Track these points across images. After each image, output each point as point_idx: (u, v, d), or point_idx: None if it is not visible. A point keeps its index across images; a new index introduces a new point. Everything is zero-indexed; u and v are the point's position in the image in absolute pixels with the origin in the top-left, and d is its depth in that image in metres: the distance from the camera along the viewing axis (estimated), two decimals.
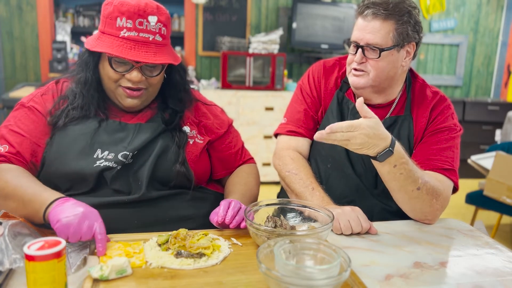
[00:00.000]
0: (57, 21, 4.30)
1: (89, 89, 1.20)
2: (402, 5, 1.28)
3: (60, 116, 1.18)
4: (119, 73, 1.16)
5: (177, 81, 1.29)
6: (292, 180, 1.38)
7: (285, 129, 1.49)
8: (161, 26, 1.16)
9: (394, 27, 1.27)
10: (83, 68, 1.21)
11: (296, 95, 1.53)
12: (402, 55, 1.32)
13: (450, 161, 1.32)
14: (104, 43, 1.14)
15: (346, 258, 0.85)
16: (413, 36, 1.31)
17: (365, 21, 1.29)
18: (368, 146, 1.11)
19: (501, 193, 2.72)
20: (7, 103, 3.40)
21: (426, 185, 1.22)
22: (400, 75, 1.37)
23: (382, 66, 1.30)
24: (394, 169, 1.18)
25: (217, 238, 1.08)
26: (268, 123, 4.07)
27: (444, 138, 1.35)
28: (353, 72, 1.34)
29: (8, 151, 1.14)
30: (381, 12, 1.26)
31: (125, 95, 1.19)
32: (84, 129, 1.17)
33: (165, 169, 1.19)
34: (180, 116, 1.28)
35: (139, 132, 1.20)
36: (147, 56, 1.13)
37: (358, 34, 1.31)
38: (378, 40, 1.28)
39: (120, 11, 1.13)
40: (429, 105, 1.39)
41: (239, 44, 4.06)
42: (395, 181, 1.21)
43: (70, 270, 0.91)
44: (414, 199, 1.24)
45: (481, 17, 4.88)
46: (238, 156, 1.40)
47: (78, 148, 1.14)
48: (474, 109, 4.60)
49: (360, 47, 1.30)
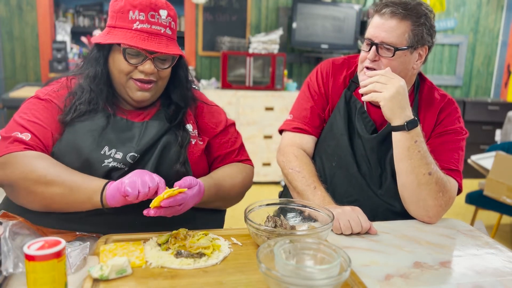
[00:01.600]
0: (57, 21, 4.30)
1: (99, 83, 1.20)
2: (420, 7, 1.29)
3: (69, 112, 1.18)
4: (132, 65, 1.17)
5: (182, 77, 1.30)
6: (294, 178, 1.38)
7: (290, 126, 1.49)
8: (171, 20, 1.19)
9: (410, 28, 1.28)
10: (92, 64, 1.21)
11: (303, 92, 1.53)
12: (414, 58, 1.33)
13: (455, 163, 1.33)
14: (116, 36, 1.15)
15: (346, 258, 0.85)
16: (427, 39, 1.31)
17: (382, 19, 1.29)
18: (398, 103, 1.22)
19: (501, 193, 2.72)
20: (7, 103, 3.40)
21: (437, 173, 1.25)
22: (410, 77, 1.38)
23: (395, 65, 1.30)
24: (414, 144, 1.23)
25: (217, 238, 1.08)
26: (268, 123, 4.07)
27: (450, 140, 1.36)
28: (365, 71, 1.34)
29: (31, 139, 1.12)
30: (399, 11, 1.26)
31: (136, 88, 1.19)
32: (92, 125, 1.17)
33: (165, 169, 1.19)
34: (183, 112, 1.28)
35: (145, 132, 1.20)
36: (161, 47, 1.15)
37: (373, 32, 1.31)
38: (393, 39, 1.28)
39: (132, 4, 1.15)
40: (437, 108, 1.40)
41: (239, 44, 4.06)
42: (412, 159, 1.24)
43: (70, 270, 0.91)
44: (422, 185, 1.25)
45: (481, 17, 4.88)
46: (234, 154, 1.38)
47: (86, 145, 1.14)
48: (474, 109, 4.60)
49: (375, 45, 1.30)
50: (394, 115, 1.24)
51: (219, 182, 1.24)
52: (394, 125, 1.26)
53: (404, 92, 1.24)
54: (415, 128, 1.25)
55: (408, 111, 1.25)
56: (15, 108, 4.13)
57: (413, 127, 1.24)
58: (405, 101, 1.24)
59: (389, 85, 1.23)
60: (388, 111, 1.24)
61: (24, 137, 1.12)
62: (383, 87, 1.23)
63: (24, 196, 1.10)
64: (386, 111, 1.24)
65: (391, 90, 1.22)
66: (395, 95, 1.22)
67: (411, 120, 1.24)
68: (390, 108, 1.23)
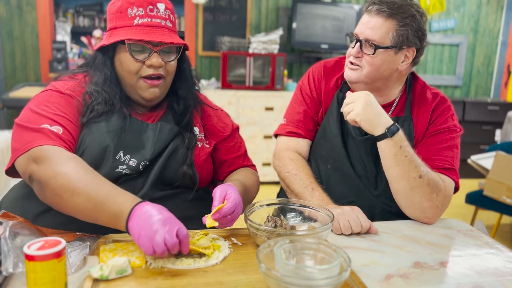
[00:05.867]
0: (57, 21, 4.30)
1: (110, 85, 1.19)
2: (408, 8, 1.29)
3: (85, 113, 1.14)
4: (140, 62, 1.16)
5: (186, 71, 1.30)
6: (291, 181, 1.38)
7: (284, 130, 1.49)
8: (169, 13, 1.19)
9: (395, 28, 1.28)
10: (100, 68, 1.20)
11: (296, 95, 1.53)
12: (399, 59, 1.33)
13: (450, 161, 1.33)
14: (118, 35, 1.15)
15: (346, 258, 0.85)
16: (413, 41, 1.31)
17: (369, 16, 1.31)
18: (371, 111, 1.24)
19: (501, 193, 2.72)
20: (7, 103, 3.39)
21: (428, 175, 1.26)
22: (397, 78, 1.38)
23: (376, 63, 1.31)
24: (400, 150, 1.25)
25: (217, 238, 1.08)
26: (268, 123, 4.07)
27: (444, 138, 1.36)
28: (349, 66, 1.37)
29: (64, 133, 1.07)
30: (385, 9, 1.27)
31: (147, 86, 1.19)
32: (109, 127, 1.15)
33: (172, 170, 1.19)
34: (191, 112, 1.28)
35: (159, 135, 1.19)
36: (164, 38, 1.15)
37: (359, 28, 1.33)
38: (376, 37, 1.29)
39: (129, 2, 1.15)
40: (430, 107, 1.40)
41: (239, 44, 4.06)
42: (400, 165, 1.25)
43: (70, 270, 0.91)
44: (415, 189, 1.25)
45: (481, 17, 4.88)
46: (241, 159, 1.40)
47: (102, 147, 1.12)
48: (474, 109, 4.59)
49: (359, 41, 1.32)
50: (373, 125, 1.26)
51: (245, 188, 1.25)
52: (376, 135, 1.27)
53: (373, 101, 1.27)
54: (397, 134, 1.25)
55: (384, 118, 1.27)
56: (15, 108, 4.10)
57: (395, 132, 1.25)
58: (378, 108, 1.27)
59: (356, 101, 1.27)
60: (365, 123, 1.26)
61: (55, 131, 1.06)
62: (352, 106, 1.27)
63: (51, 197, 1.02)
64: (364, 124, 1.26)
65: (360, 103, 1.25)
66: (365, 106, 1.25)
67: (391, 126, 1.26)
68: (367, 119, 1.25)
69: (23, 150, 1.04)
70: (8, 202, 1.20)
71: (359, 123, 1.26)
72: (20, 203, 1.17)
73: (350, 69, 1.37)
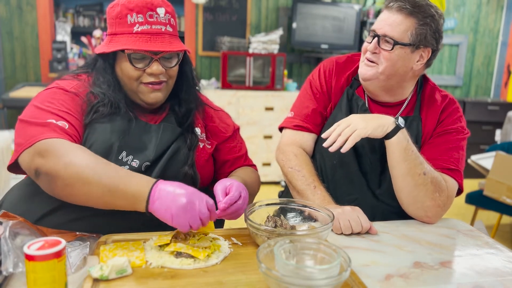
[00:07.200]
0: (57, 21, 4.30)
1: (114, 90, 1.18)
2: (429, 7, 1.29)
3: (88, 113, 1.14)
4: (140, 70, 1.16)
5: (188, 73, 1.29)
6: (294, 177, 1.38)
7: (291, 124, 1.49)
8: (170, 17, 1.18)
9: (414, 26, 1.28)
10: (101, 73, 1.19)
11: (305, 89, 1.52)
12: (415, 58, 1.32)
13: (455, 162, 1.33)
14: (118, 42, 1.14)
15: (346, 258, 0.85)
16: (430, 41, 1.31)
17: (389, 12, 1.31)
18: (373, 124, 1.24)
19: (501, 193, 2.72)
20: (7, 103, 3.40)
21: (431, 173, 1.27)
22: (410, 78, 1.38)
23: (393, 60, 1.30)
24: (408, 144, 1.26)
25: (217, 238, 1.08)
26: (268, 123, 4.07)
27: (451, 139, 1.36)
28: (365, 62, 1.36)
29: (69, 128, 1.07)
30: (406, 7, 1.27)
31: (149, 90, 1.18)
32: (113, 127, 1.14)
33: (173, 171, 1.19)
34: (193, 113, 1.28)
35: (161, 137, 1.19)
36: (164, 46, 1.14)
37: (378, 24, 1.33)
38: (395, 34, 1.29)
39: (128, 8, 1.13)
40: (439, 108, 1.40)
41: (239, 44, 4.06)
42: (408, 161, 1.25)
43: (70, 270, 0.91)
44: (419, 186, 1.25)
45: (481, 17, 4.88)
46: (242, 159, 1.40)
47: (107, 145, 1.12)
48: (474, 109, 4.60)
49: (377, 36, 1.32)
50: (382, 126, 1.26)
51: (245, 183, 1.23)
52: (389, 131, 1.26)
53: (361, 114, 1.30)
54: (403, 128, 1.27)
55: (385, 117, 1.27)
56: (15, 108, 4.10)
57: (402, 122, 1.27)
58: (372, 114, 1.31)
59: (352, 122, 1.24)
60: (375, 130, 1.24)
61: (61, 125, 1.06)
62: (351, 128, 1.23)
63: (62, 188, 1.00)
64: (375, 132, 1.24)
65: (356, 120, 1.24)
66: (362, 118, 1.25)
67: (396, 119, 1.27)
68: (375, 126, 1.25)
69: (28, 144, 1.03)
70: (9, 204, 1.20)
71: (372, 135, 1.24)
72: (22, 206, 1.16)
73: (366, 66, 1.36)
